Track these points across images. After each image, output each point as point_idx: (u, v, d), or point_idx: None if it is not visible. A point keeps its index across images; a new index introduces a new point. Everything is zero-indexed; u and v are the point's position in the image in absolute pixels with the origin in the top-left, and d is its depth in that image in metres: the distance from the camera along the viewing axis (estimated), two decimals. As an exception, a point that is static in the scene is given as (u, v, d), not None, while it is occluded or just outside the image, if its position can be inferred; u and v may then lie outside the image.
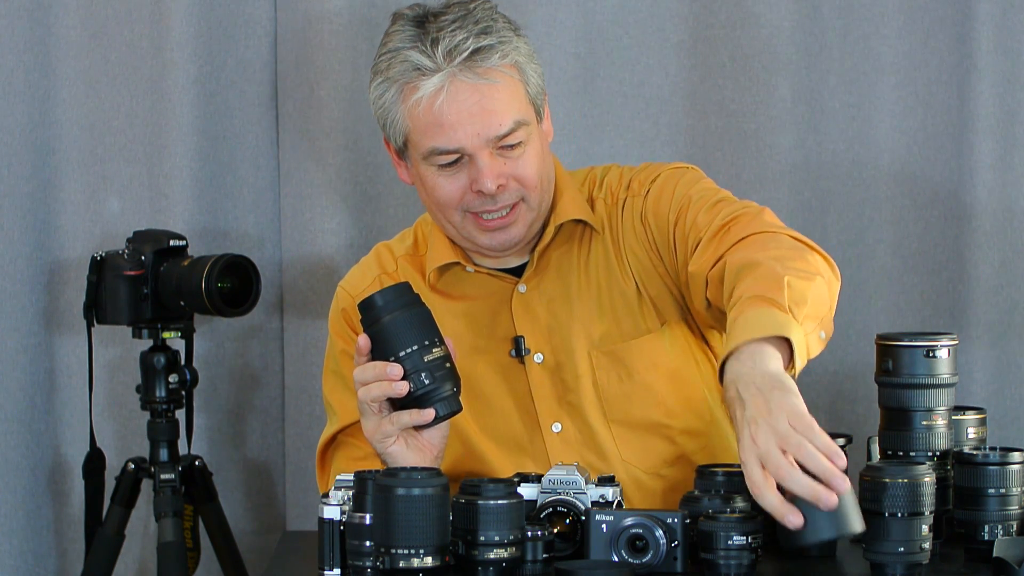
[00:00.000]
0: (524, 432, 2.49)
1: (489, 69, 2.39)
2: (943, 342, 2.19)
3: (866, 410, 3.15)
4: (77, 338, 3.20)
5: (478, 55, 2.38)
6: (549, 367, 2.49)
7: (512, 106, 2.41)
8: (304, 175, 3.22)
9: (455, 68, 2.37)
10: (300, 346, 3.25)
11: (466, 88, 2.38)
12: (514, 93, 2.42)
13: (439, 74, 2.37)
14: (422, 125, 2.40)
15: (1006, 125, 3.13)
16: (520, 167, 2.43)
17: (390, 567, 1.96)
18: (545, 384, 2.49)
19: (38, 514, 3.26)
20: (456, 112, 2.38)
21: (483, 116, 2.38)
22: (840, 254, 3.19)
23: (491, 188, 2.39)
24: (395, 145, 2.47)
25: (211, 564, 3.12)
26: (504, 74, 2.41)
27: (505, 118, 2.40)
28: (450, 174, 2.42)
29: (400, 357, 2.16)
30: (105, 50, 3.23)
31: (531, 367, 2.49)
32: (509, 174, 2.42)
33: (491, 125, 2.39)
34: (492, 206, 2.42)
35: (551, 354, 2.49)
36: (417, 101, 2.38)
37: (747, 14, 3.18)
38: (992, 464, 2.15)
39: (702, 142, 3.21)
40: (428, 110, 2.38)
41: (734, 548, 2.03)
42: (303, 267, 3.23)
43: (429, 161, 2.42)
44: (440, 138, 2.39)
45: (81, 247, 3.23)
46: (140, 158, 3.24)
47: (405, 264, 2.57)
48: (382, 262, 2.59)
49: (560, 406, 2.48)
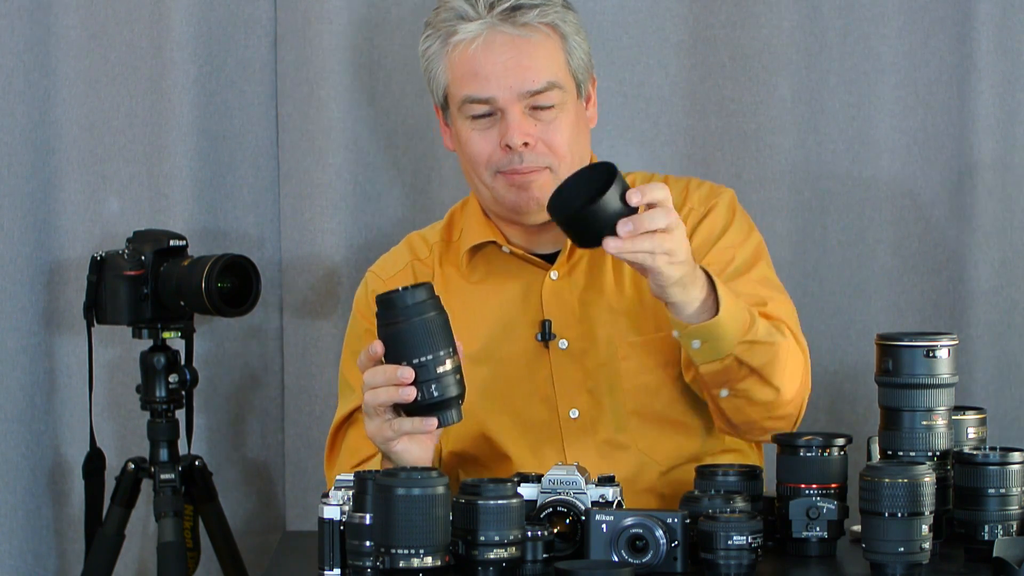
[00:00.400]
0: (541, 416, 2.51)
1: (528, 25, 2.45)
2: (943, 342, 2.19)
3: (866, 410, 3.14)
4: (77, 338, 3.20)
5: (519, 11, 2.45)
6: (573, 354, 2.51)
7: (548, 65, 2.46)
8: (304, 175, 3.22)
9: (495, 19, 2.44)
10: (300, 346, 3.25)
11: (503, 39, 2.45)
12: (551, 54, 2.47)
13: (478, 22, 2.45)
14: (458, 74, 2.47)
15: (1006, 125, 3.13)
16: (550, 131, 2.46)
17: (390, 567, 1.96)
18: (567, 370, 2.51)
19: (38, 514, 3.26)
20: (491, 63, 2.44)
21: (517, 70, 2.44)
22: (840, 254, 3.19)
23: (516, 142, 2.43)
24: (437, 101, 2.54)
25: (211, 564, 3.12)
26: (543, 32, 2.46)
27: (539, 75, 2.45)
28: (482, 128, 2.47)
29: (414, 364, 2.15)
30: (105, 50, 3.23)
31: (555, 352, 2.51)
32: (538, 136, 2.45)
33: (524, 79, 2.44)
34: (519, 164, 2.45)
35: (576, 341, 2.51)
36: (455, 46, 2.46)
37: (747, 14, 3.17)
38: (992, 464, 2.15)
39: (702, 142, 3.21)
40: (464, 57, 2.45)
41: (734, 548, 2.03)
42: (303, 267, 3.23)
43: (463, 112, 2.48)
44: (474, 86, 2.45)
45: (81, 247, 3.23)
46: (140, 158, 3.24)
47: (439, 250, 2.59)
48: (414, 248, 2.63)
49: (579, 393, 2.50)
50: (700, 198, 2.56)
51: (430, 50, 2.51)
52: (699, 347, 2.29)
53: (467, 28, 2.45)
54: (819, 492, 2.19)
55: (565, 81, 2.48)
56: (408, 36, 3.21)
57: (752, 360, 2.31)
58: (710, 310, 2.26)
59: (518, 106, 2.45)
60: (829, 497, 2.18)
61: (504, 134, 2.45)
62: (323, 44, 3.19)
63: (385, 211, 3.23)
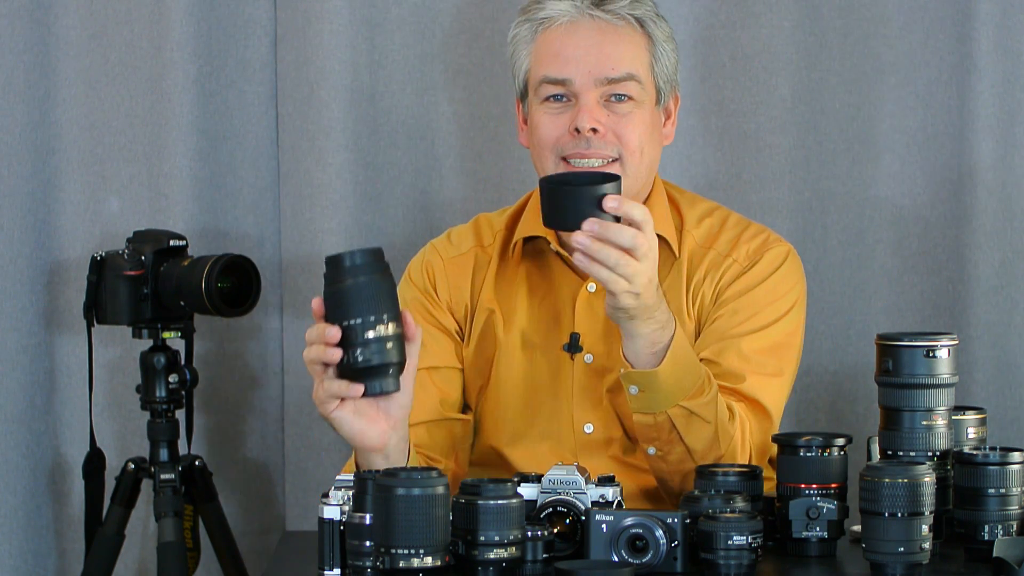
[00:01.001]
0: (557, 426, 2.50)
1: (617, 14, 2.47)
2: (943, 342, 2.19)
3: (866, 410, 3.14)
4: (77, 338, 3.20)
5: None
6: (596, 369, 2.50)
7: (629, 57, 2.47)
8: (304, 175, 3.22)
9: (584, 5, 2.46)
10: (300, 346, 3.22)
11: (589, 25, 2.46)
12: (636, 48, 2.48)
13: (568, 2, 2.47)
14: (541, 54, 2.48)
15: (1006, 125, 3.13)
16: (623, 124, 2.46)
17: (390, 567, 1.96)
18: (588, 384, 2.50)
19: (38, 514, 3.26)
20: (574, 44, 2.46)
21: (599, 55, 2.45)
22: (840, 254, 3.19)
23: (585, 125, 2.43)
24: (518, 90, 2.54)
25: (211, 564, 3.12)
26: (631, 25, 2.48)
27: (620, 63, 2.46)
28: (555, 112, 2.47)
29: (344, 327, 2.13)
30: (105, 50, 3.23)
31: (579, 365, 2.50)
32: (610, 125, 2.45)
33: (603, 65, 2.45)
34: (586, 149, 2.44)
35: (601, 357, 2.50)
36: (542, 25, 2.48)
37: (747, 14, 3.17)
38: (992, 464, 2.15)
39: (702, 142, 3.20)
40: (548, 38, 2.47)
41: (734, 548, 2.03)
42: (303, 267, 3.22)
43: (539, 95, 2.48)
44: (553, 66, 2.46)
45: (81, 247, 3.23)
46: (140, 158, 3.24)
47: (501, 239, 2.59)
48: (480, 234, 2.62)
49: (596, 409, 2.49)
50: (747, 253, 2.54)
51: (519, 36, 2.52)
52: (635, 393, 2.30)
53: (557, 7, 2.47)
54: (819, 492, 2.18)
55: (646, 80, 2.48)
56: (408, 36, 3.21)
57: (685, 432, 2.31)
58: (660, 357, 2.27)
59: (594, 93, 2.44)
60: (829, 497, 2.18)
61: (575, 118, 2.44)
62: (323, 44, 3.19)
63: (385, 211, 3.23)
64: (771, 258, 2.54)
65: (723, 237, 2.55)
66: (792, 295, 2.53)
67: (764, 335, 2.48)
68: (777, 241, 2.57)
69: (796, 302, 2.54)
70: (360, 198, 3.22)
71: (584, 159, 2.44)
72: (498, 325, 2.54)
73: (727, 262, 2.52)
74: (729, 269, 2.52)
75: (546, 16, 2.48)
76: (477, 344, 2.56)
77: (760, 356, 2.46)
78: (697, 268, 2.53)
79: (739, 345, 2.45)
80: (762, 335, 2.47)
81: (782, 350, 2.49)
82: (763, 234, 2.57)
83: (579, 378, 2.51)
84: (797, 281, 2.56)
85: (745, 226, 2.58)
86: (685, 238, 2.55)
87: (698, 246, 2.54)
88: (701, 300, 2.52)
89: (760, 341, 2.47)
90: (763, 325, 2.48)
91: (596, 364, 2.50)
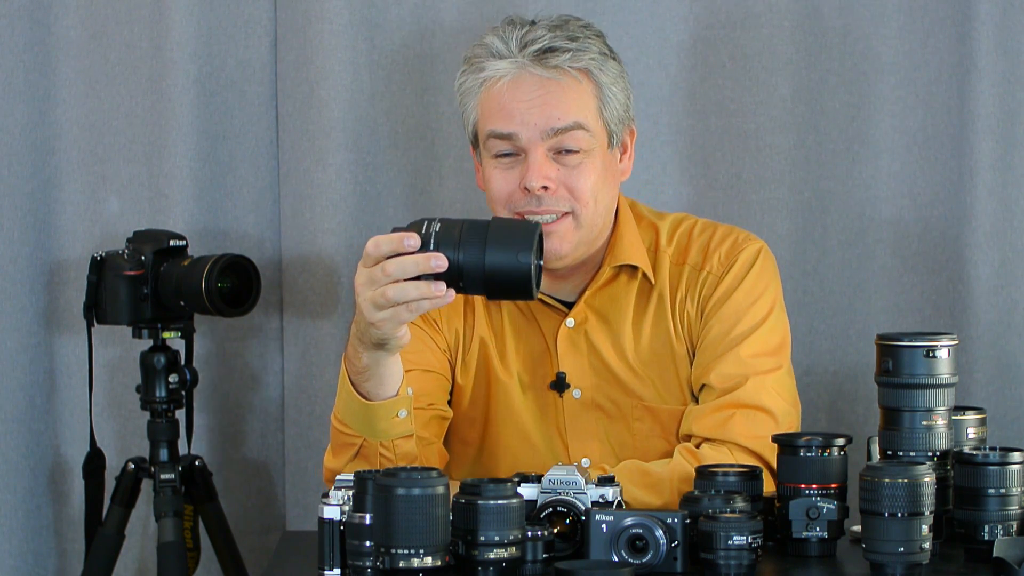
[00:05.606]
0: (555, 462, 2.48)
1: (559, 68, 2.43)
2: (943, 342, 2.19)
3: (866, 410, 3.14)
4: (77, 338, 3.20)
5: (550, 53, 2.43)
6: (586, 404, 2.50)
7: (575, 107, 2.43)
8: (304, 175, 3.22)
9: (526, 59, 2.43)
10: (300, 346, 3.25)
11: (532, 79, 2.43)
12: (581, 98, 2.44)
13: (509, 60, 2.44)
14: (486, 110, 2.45)
15: (1006, 125, 3.12)
16: (573, 176, 2.43)
17: (390, 567, 1.96)
18: (579, 419, 2.51)
19: (38, 514, 3.26)
20: (517, 100, 2.42)
21: (543, 108, 2.42)
22: (840, 254, 3.19)
23: (535, 185, 2.41)
24: (469, 138, 2.52)
25: (211, 564, 3.12)
26: (573, 77, 2.43)
27: (566, 113, 2.42)
28: (505, 167, 2.45)
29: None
30: (105, 50, 3.23)
31: (568, 401, 2.51)
32: (560, 180, 2.42)
33: (549, 117, 2.42)
34: (537, 207, 2.42)
35: (590, 391, 2.50)
36: (485, 82, 2.44)
37: (747, 14, 3.17)
38: (992, 464, 2.15)
39: (702, 142, 3.20)
40: (492, 93, 2.44)
41: (734, 548, 2.03)
42: (303, 267, 3.23)
43: (488, 149, 2.46)
44: (499, 121, 2.43)
45: (81, 247, 3.23)
46: (140, 158, 3.24)
47: None
48: None
49: (591, 442, 2.50)
50: (719, 260, 2.53)
51: (465, 86, 2.49)
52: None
53: (497, 66, 2.44)
54: (819, 492, 2.19)
55: (595, 127, 2.45)
56: (408, 36, 3.21)
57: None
58: None
59: (541, 148, 2.42)
60: (829, 497, 2.19)
61: (524, 175, 2.42)
62: (323, 44, 3.19)
63: (385, 211, 3.23)
64: (744, 260, 2.54)
65: (693, 248, 2.55)
66: (771, 292, 2.54)
67: (757, 337, 2.48)
68: (747, 240, 2.57)
69: (776, 297, 2.55)
70: (360, 198, 3.22)
71: (537, 215, 2.43)
72: (493, 358, 2.55)
73: (702, 276, 2.52)
74: (706, 283, 2.52)
75: (489, 76, 2.45)
76: (475, 374, 2.57)
77: (757, 359, 2.46)
78: (677, 288, 2.53)
79: (738, 352, 2.46)
80: (755, 338, 2.48)
81: (776, 346, 2.50)
82: (731, 235, 2.57)
83: (570, 413, 2.52)
84: (772, 276, 2.56)
85: (713, 230, 2.58)
86: (661, 258, 2.54)
87: (673, 264, 2.54)
88: (687, 319, 2.52)
89: (755, 345, 2.48)
90: (753, 327, 2.48)
91: (585, 398, 2.51)
